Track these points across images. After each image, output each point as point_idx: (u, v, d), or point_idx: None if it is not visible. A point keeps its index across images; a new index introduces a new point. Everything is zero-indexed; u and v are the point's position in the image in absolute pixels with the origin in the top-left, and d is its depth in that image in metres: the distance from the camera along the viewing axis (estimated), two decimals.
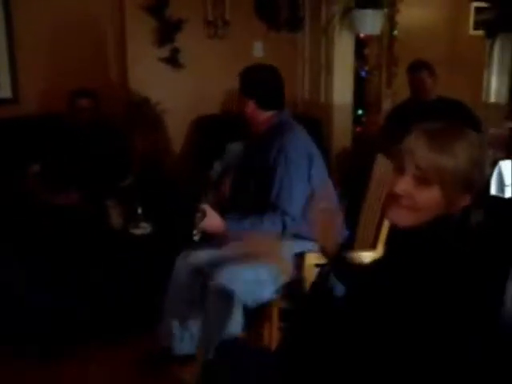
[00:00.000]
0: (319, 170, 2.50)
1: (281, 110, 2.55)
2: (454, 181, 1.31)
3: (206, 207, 2.30)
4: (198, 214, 2.26)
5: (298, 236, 2.43)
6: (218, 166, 3.56)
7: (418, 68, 3.90)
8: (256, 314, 2.34)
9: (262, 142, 2.50)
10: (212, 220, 2.31)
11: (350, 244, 2.57)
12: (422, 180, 1.32)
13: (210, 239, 2.47)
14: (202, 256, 2.54)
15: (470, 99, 4.04)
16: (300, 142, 2.46)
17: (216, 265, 2.44)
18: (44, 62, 3.69)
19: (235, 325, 2.32)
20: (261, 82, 2.52)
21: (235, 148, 3.50)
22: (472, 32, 5.05)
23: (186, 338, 2.59)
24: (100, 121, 3.46)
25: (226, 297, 2.29)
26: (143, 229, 2.98)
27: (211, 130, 3.97)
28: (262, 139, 2.51)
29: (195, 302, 2.57)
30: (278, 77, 2.57)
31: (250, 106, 2.50)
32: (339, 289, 1.52)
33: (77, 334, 2.81)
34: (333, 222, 1.67)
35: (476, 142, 1.33)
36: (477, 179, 1.33)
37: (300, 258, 2.35)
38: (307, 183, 2.43)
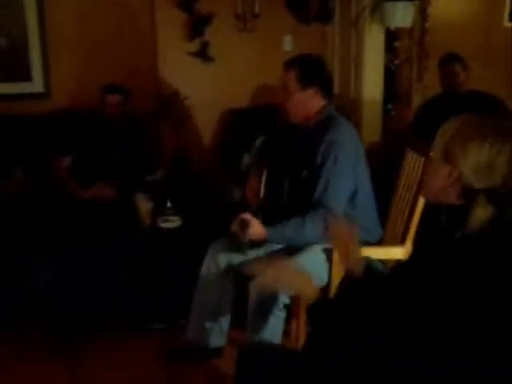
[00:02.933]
0: (362, 168, 2.46)
1: (331, 100, 2.53)
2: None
3: (249, 217, 2.30)
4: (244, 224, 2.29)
5: None
6: (247, 159, 3.56)
7: (450, 61, 3.83)
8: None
9: (309, 137, 2.42)
10: (255, 229, 2.29)
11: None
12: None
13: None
14: (234, 255, 2.52)
15: (504, 92, 3.95)
16: (350, 137, 2.42)
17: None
18: (75, 58, 3.74)
19: (277, 323, 2.29)
20: (323, 69, 2.52)
21: None
22: (507, 24, 4.93)
23: (215, 330, 2.60)
24: (130, 115, 3.49)
25: (269, 296, 2.26)
26: (172, 222, 2.99)
27: (241, 124, 3.97)
28: (309, 135, 2.43)
29: (225, 297, 2.58)
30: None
31: (309, 94, 2.43)
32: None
33: (100, 326, 2.86)
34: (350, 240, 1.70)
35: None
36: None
37: (330, 251, 2.34)
38: (352, 181, 2.39)
